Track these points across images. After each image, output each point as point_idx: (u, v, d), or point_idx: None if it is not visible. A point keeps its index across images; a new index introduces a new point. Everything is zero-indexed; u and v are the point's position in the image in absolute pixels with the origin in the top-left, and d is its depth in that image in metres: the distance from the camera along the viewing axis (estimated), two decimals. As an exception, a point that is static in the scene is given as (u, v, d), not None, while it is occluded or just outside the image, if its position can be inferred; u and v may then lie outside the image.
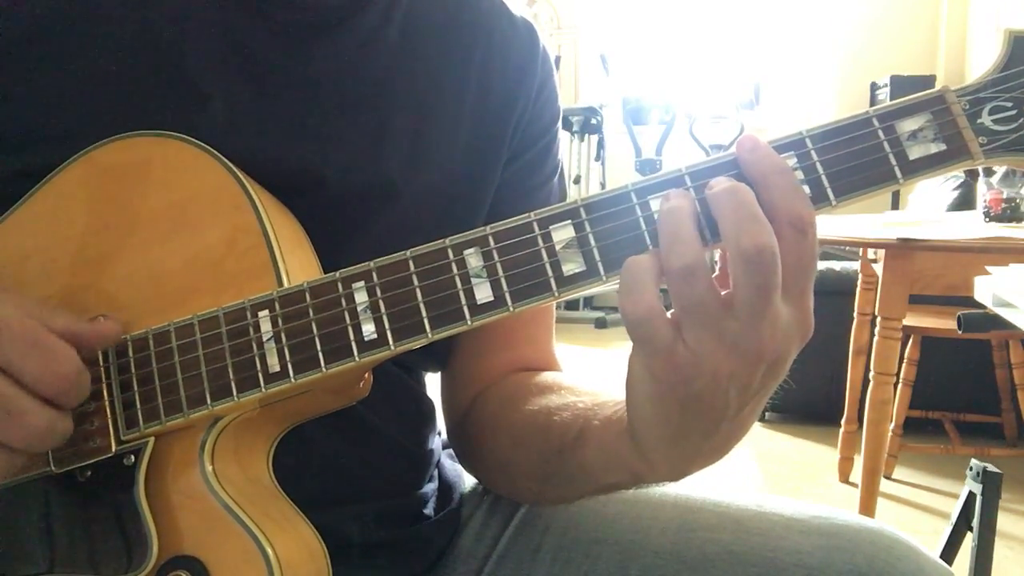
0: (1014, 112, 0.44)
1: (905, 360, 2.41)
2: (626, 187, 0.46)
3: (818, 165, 0.45)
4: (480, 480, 0.74)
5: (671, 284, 0.42)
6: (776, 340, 0.42)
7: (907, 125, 0.45)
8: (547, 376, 0.67)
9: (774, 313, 0.41)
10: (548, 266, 0.46)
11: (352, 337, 0.47)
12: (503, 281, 0.46)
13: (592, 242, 0.45)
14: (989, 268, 1.02)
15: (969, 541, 1.33)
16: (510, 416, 0.65)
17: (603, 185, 4.60)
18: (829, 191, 0.44)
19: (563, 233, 0.46)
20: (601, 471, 0.54)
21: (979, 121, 0.45)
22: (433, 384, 0.75)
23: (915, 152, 0.45)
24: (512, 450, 0.64)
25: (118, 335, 0.50)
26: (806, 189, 0.45)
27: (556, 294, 0.46)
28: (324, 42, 0.62)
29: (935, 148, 0.45)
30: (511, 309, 0.46)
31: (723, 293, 0.42)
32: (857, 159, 0.45)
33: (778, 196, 0.42)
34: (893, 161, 0.44)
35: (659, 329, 0.42)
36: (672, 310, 0.43)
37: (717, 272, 0.44)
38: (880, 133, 0.45)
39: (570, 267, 0.46)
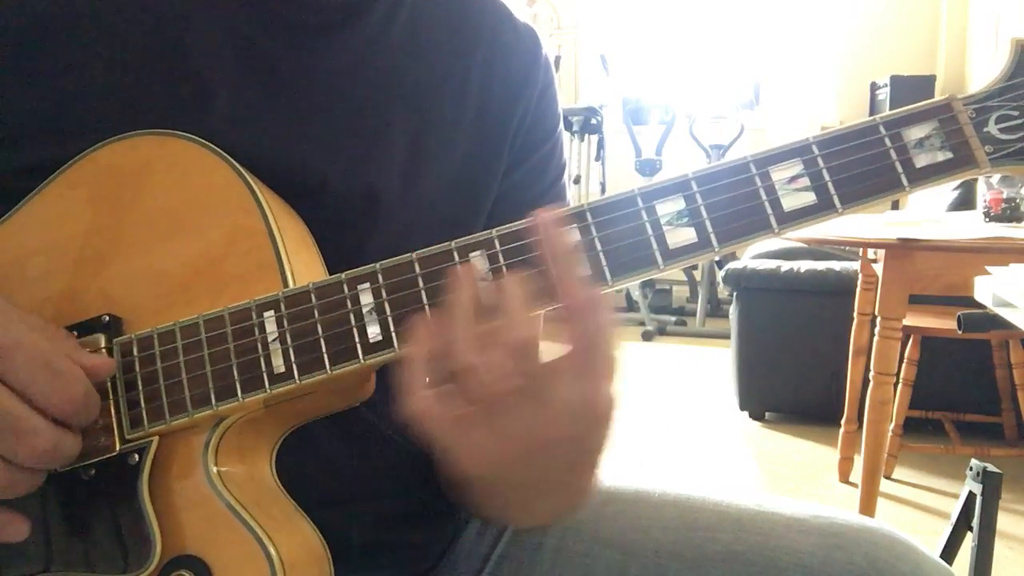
0: (1021, 121, 0.44)
1: (905, 360, 2.41)
2: (632, 192, 0.46)
3: (824, 172, 0.45)
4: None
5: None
6: (558, 424, 0.44)
7: (914, 133, 0.45)
8: None
9: (543, 399, 0.43)
10: None
11: (357, 339, 0.47)
12: (508, 284, 0.46)
13: (598, 247, 0.45)
14: (989, 268, 1.02)
15: (969, 541, 1.33)
16: None
17: (603, 185, 4.60)
18: (835, 199, 0.44)
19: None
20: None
21: (986, 130, 0.45)
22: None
23: (921, 160, 0.45)
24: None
25: (111, 370, 0.50)
26: (812, 196, 0.45)
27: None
28: (329, 41, 0.62)
29: (942, 156, 0.45)
30: None
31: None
32: (864, 166, 0.45)
33: (557, 280, 0.44)
34: (900, 169, 0.45)
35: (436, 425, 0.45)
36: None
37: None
38: (887, 140, 0.45)
39: None
